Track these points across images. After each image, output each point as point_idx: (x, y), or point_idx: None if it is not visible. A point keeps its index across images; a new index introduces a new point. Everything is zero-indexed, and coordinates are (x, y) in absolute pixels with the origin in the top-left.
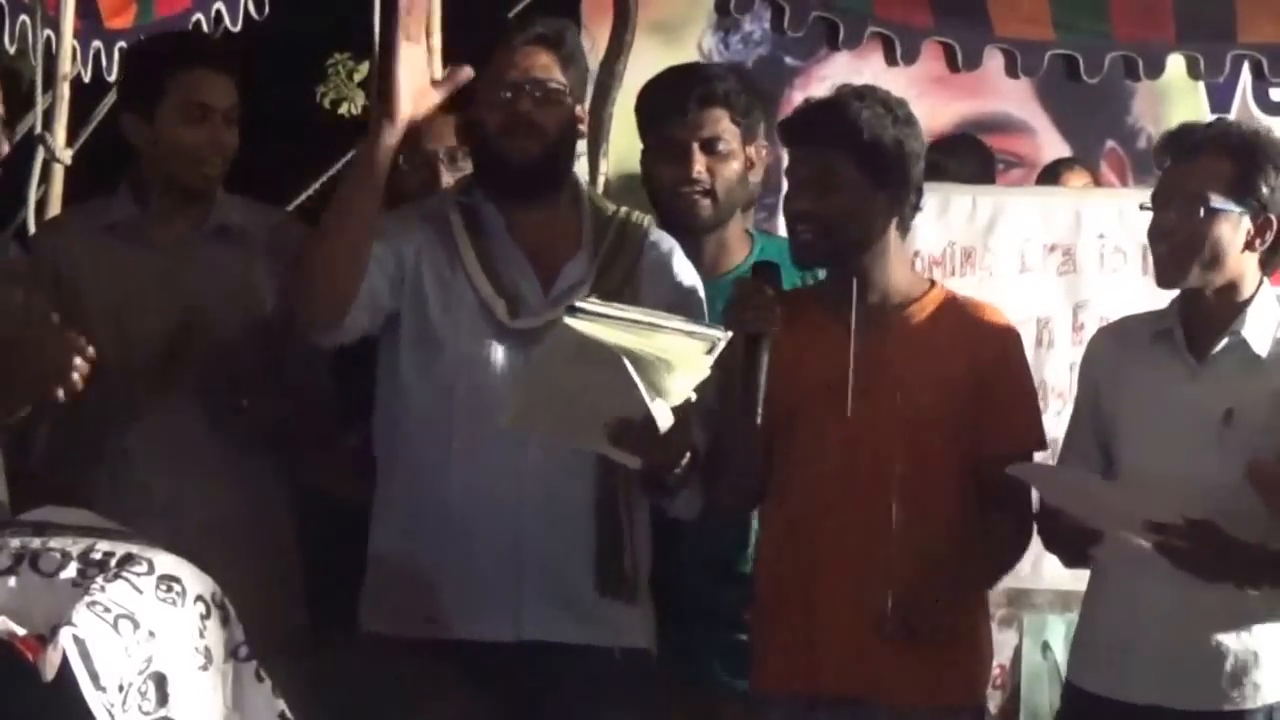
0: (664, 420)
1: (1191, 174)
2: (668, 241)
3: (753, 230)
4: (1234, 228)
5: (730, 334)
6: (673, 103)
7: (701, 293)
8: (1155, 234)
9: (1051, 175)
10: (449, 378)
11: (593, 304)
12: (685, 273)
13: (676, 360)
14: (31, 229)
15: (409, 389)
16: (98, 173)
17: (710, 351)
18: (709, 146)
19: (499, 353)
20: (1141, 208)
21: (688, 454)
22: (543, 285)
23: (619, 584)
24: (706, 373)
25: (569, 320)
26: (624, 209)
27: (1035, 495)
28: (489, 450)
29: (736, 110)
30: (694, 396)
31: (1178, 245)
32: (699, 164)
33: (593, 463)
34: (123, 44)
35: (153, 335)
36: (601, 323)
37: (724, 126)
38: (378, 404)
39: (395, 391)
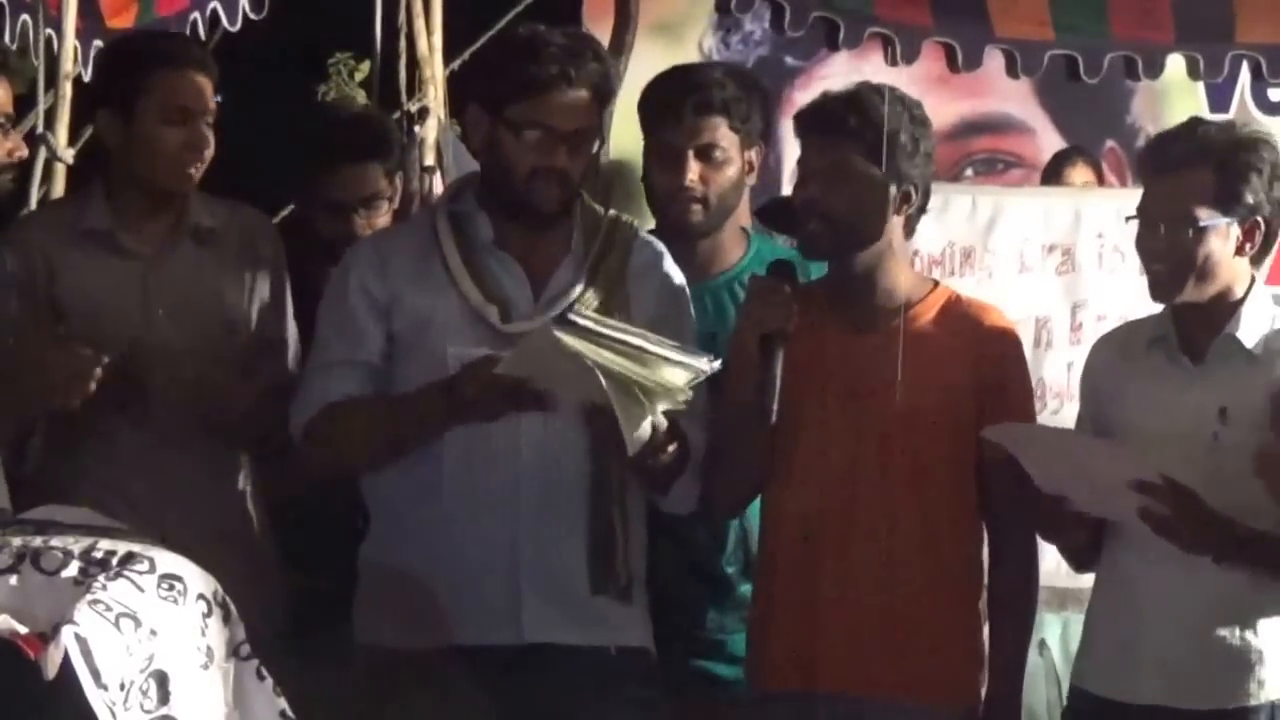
0: (633, 445)
1: (1176, 191)
2: (656, 243)
3: (750, 230)
4: (1224, 238)
5: (717, 364)
6: (669, 108)
7: (688, 293)
8: (1147, 253)
9: (1057, 167)
10: None
11: (584, 318)
12: (674, 273)
13: (656, 389)
14: None
15: None
16: (99, 173)
17: (691, 382)
18: (704, 154)
19: None
20: (1127, 220)
21: (674, 445)
22: (534, 290)
23: (612, 583)
24: (681, 405)
25: (555, 331)
26: (613, 212)
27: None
28: (484, 456)
29: (735, 117)
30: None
31: (1171, 265)
32: (692, 172)
33: (587, 461)
34: None
35: (127, 342)
36: (588, 339)
37: (721, 134)
38: None
39: None
